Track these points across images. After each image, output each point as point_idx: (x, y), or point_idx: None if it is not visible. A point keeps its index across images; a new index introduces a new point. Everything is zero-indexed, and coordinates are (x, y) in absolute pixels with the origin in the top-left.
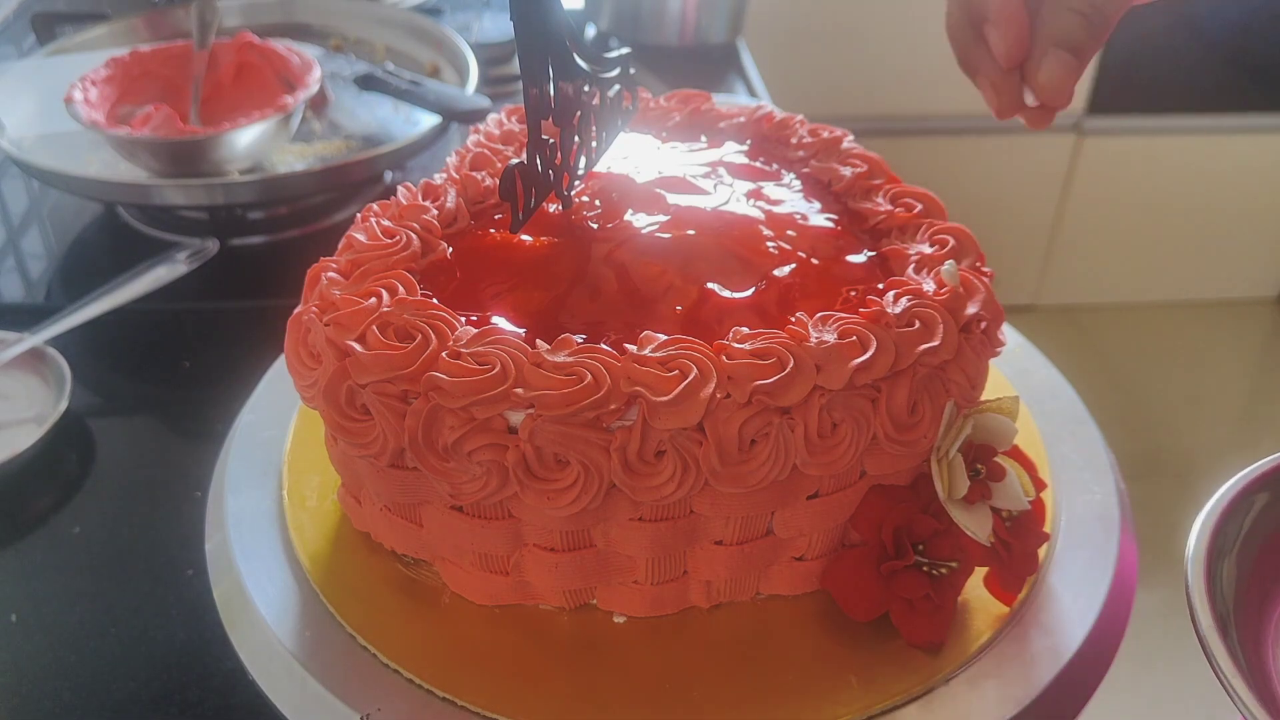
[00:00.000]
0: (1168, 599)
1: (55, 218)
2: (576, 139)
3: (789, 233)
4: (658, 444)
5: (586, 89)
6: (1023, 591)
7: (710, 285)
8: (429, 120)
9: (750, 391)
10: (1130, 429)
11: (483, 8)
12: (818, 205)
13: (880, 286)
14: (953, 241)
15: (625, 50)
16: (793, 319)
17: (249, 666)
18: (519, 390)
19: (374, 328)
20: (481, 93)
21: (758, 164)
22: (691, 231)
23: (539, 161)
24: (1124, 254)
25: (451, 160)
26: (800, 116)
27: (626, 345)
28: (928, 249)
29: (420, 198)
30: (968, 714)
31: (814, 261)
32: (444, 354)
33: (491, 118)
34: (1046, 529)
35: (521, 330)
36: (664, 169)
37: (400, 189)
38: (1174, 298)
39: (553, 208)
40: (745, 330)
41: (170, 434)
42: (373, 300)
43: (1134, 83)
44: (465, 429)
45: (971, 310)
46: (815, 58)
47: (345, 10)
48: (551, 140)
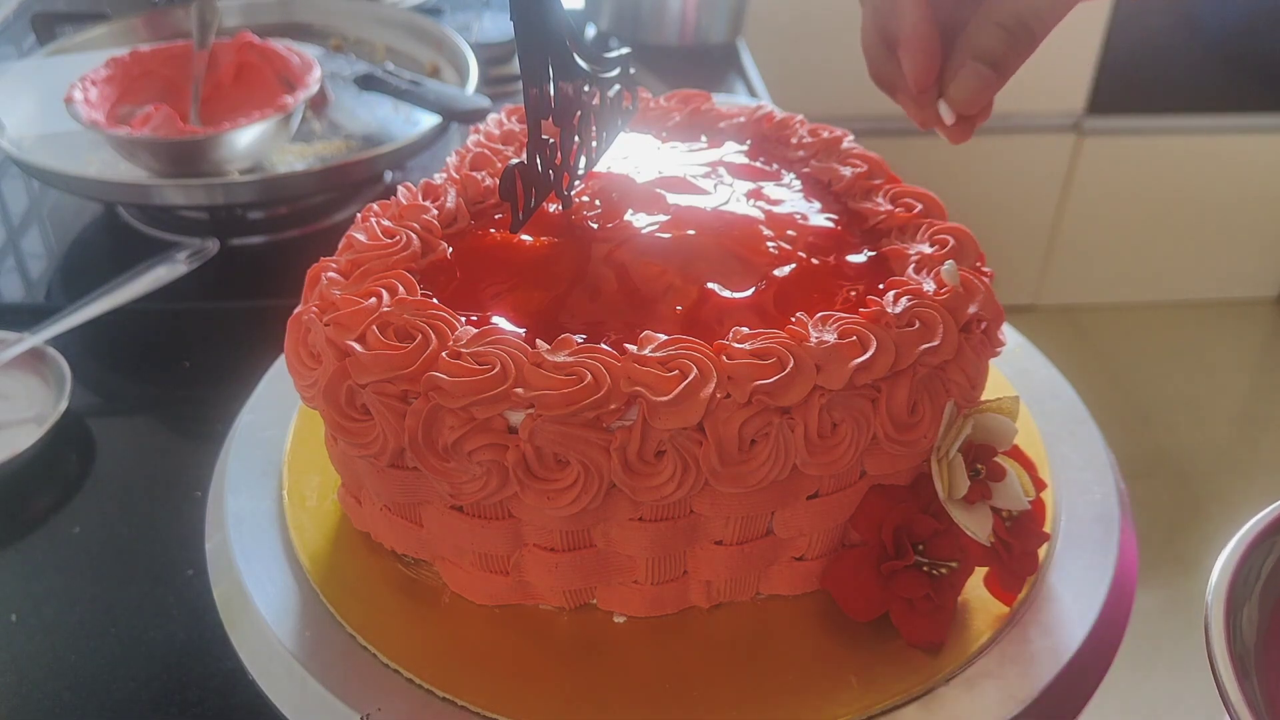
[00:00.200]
0: (1168, 599)
1: (55, 218)
2: (576, 139)
3: (789, 233)
4: (658, 444)
5: (586, 89)
6: (1023, 591)
7: (710, 285)
8: (429, 120)
9: (750, 391)
10: (1130, 429)
11: (483, 8)
12: (818, 205)
13: (880, 286)
14: (953, 241)
15: (625, 50)
16: (793, 319)
17: (249, 666)
18: (519, 390)
19: (374, 328)
20: (481, 93)
21: (758, 164)
22: (691, 231)
23: (539, 161)
24: (1124, 254)
25: (451, 160)
26: (800, 116)
27: (626, 345)
28: (928, 249)
29: (420, 198)
30: (968, 714)
31: (814, 261)
32: (444, 354)
33: (491, 118)
34: (1046, 529)
35: (521, 330)
36: (664, 169)
37: (400, 189)
38: (1174, 298)
39: (553, 208)
40: (745, 330)
41: (170, 434)
42: (373, 300)
43: (1134, 83)
44: (465, 429)
45: (971, 310)
46: (815, 58)
47: (345, 10)
48: (551, 140)
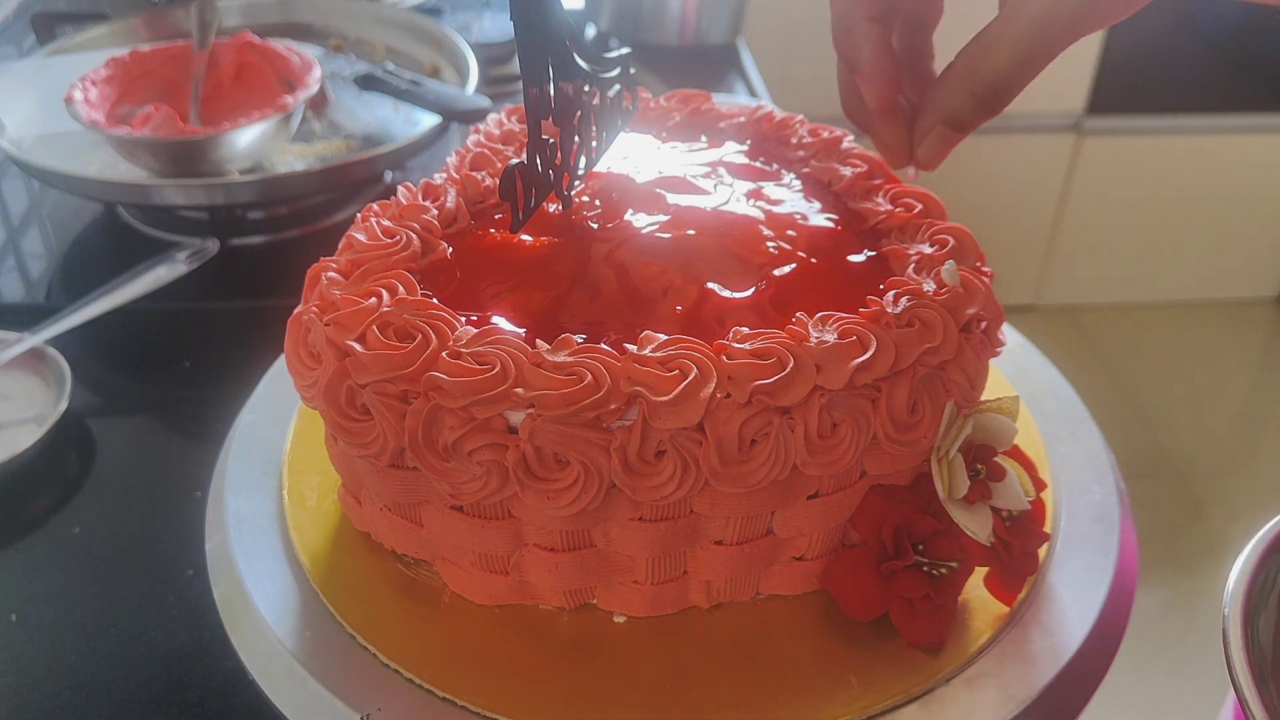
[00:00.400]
0: (1168, 599)
1: (55, 218)
2: (576, 139)
3: (789, 233)
4: (658, 444)
5: (586, 89)
6: (1023, 591)
7: (710, 285)
8: (429, 120)
9: (750, 391)
10: (1130, 429)
11: (483, 8)
12: (818, 205)
13: (880, 286)
14: (953, 241)
15: (625, 50)
16: (793, 319)
17: (249, 666)
18: (519, 390)
19: (374, 328)
20: (481, 93)
21: (758, 164)
22: (691, 231)
23: (539, 161)
24: (1124, 254)
25: (451, 160)
26: (800, 116)
27: (626, 345)
28: (928, 249)
29: (420, 198)
30: (968, 714)
31: (814, 261)
32: (444, 354)
33: (491, 118)
34: (1046, 529)
35: (521, 330)
36: (664, 169)
37: (400, 189)
38: (1174, 298)
39: (553, 208)
40: (745, 330)
41: (170, 434)
42: (373, 300)
43: (1134, 83)
44: (465, 429)
45: (971, 310)
46: (815, 58)
47: (345, 10)
48: (551, 140)
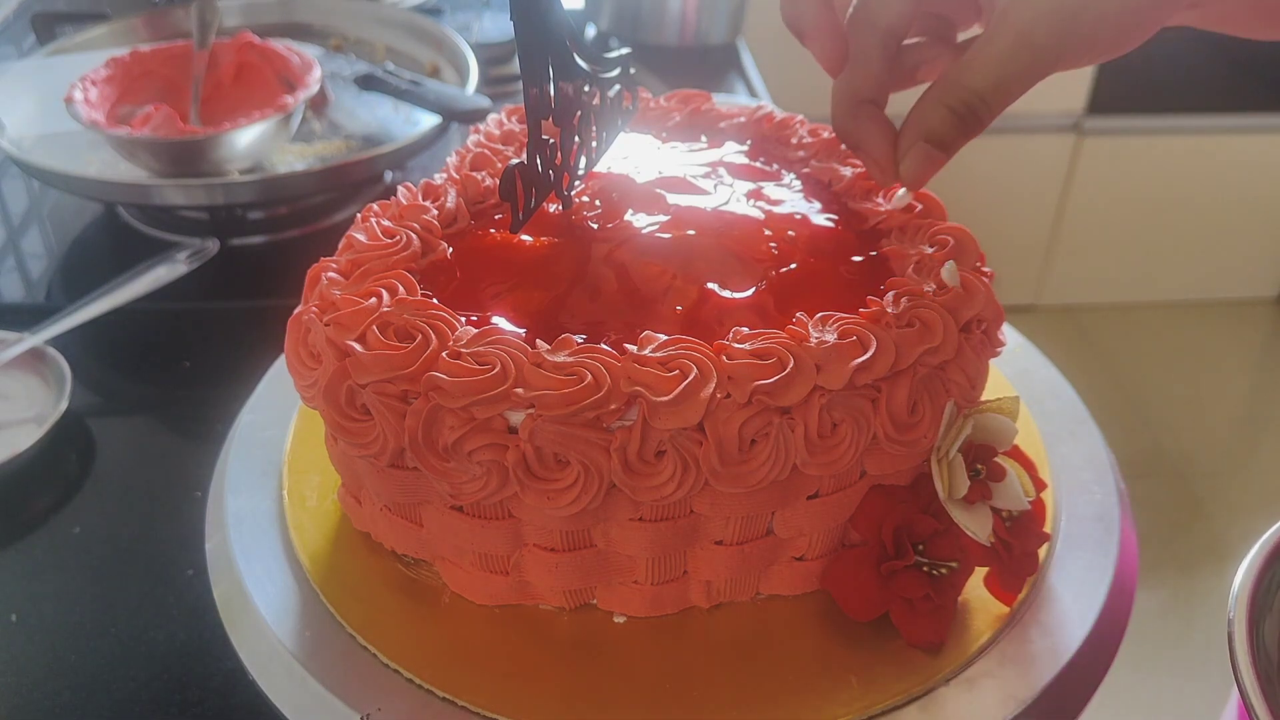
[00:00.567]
0: (1168, 599)
1: (55, 218)
2: (576, 139)
3: (789, 233)
4: (658, 444)
5: (586, 89)
6: (1023, 591)
7: (710, 285)
8: (429, 120)
9: (750, 391)
10: (1130, 429)
11: (483, 8)
12: (818, 205)
13: (880, 286)
14: (953, 242)
15: (625, 50)
16: (793, 319)
17: (249, 666)
18: (519, 390)
19: (374, 328)
20: (481, 93)
21: (758, 164)
22: (691, 231)
23: (539, 161)
24: (1124, 254)
25: (451, 160)
26: (800, 116)
27: (626, 345)
28: (928, 249)
29: (420, 198)
30: (968, 714)
31: (814, 262)
32: (444, 354)
33: (491, 118)
34: (1046, 529)
35: (521, 330)
36: (664, 169)
37: (400, 189)
38: (1174, 298)
39: (553, 208)
40: (745, 330)
41: (170, 434)
42: (373, 300)
43: (1134, 83)
44: (465, 429)
45: (971, 310)
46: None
47: (345, 10)
48: (551, 140)
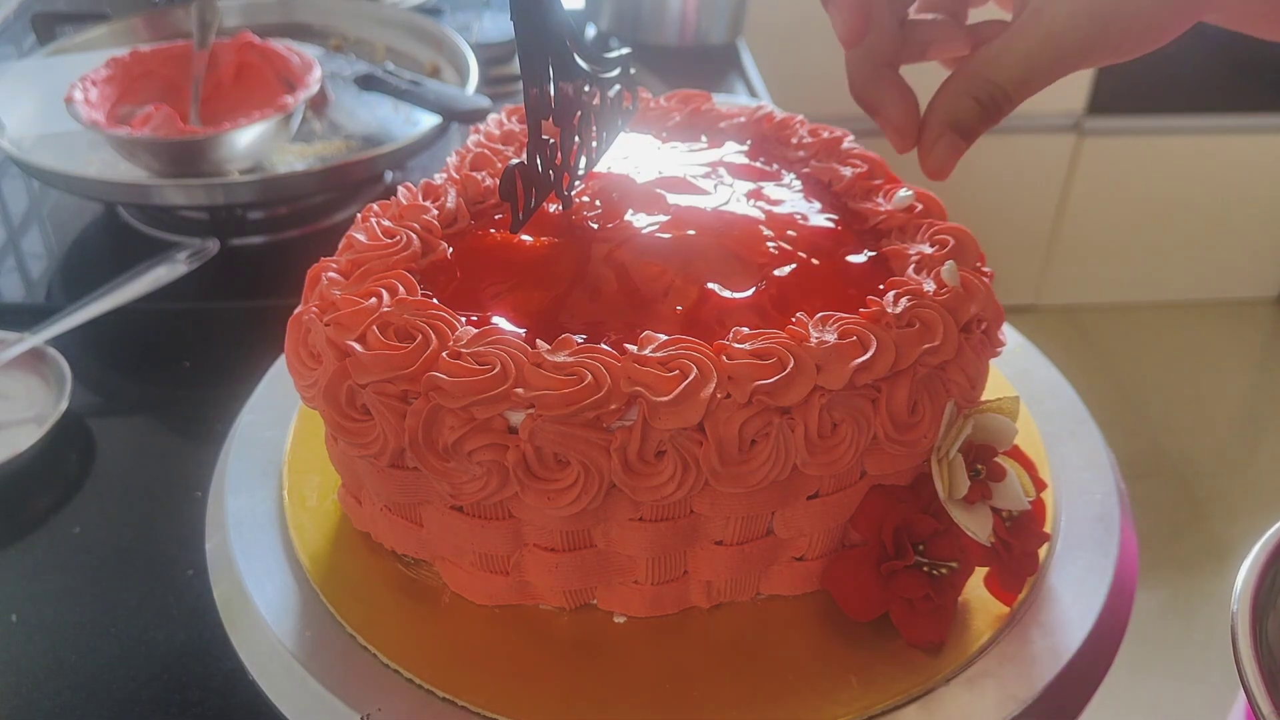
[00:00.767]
0: (1168, 600)
1: (55, 218)
2: (576, 139)
3: (789, 233)
4: (658, 444)
5: (586, 89)
6: (1023, 591)
7: (710, 285)
8: (429, 120)
9: (750, 391)
10: (1130, 429)
11: (483, 8)
12: (818, 205)
13: (880, 286)
14: (953, 241)
15: (625, 50)
16: (793, 319)
17: (249, 666)
18: (519, 390)
19: (374, 328)
20: (481, 93)
21: (758, 164)
22: (692, 231)
23: (539, 161)
24: (1124, 254)
25: (451, 160)
26: (800, 116)
27: (626, 345)
28: (928, 249)
29: (420, 198)
30: (968, 714)
31: (814, 261)
32: (444, 354)
33: (491, 118)
34: (1046, 529)
35: (521, 330)
36: (664, 169)
37: (400, 189)
38: (1174, 298)
39: (553, 208)
40: (745, 330)
41: (170, 434)
42: (373, 300)
43: (1134, 83)
44: (465, 429)
45: (971, 310)
46: (815, 58)
47: (345, 10)
48: (551, 140)
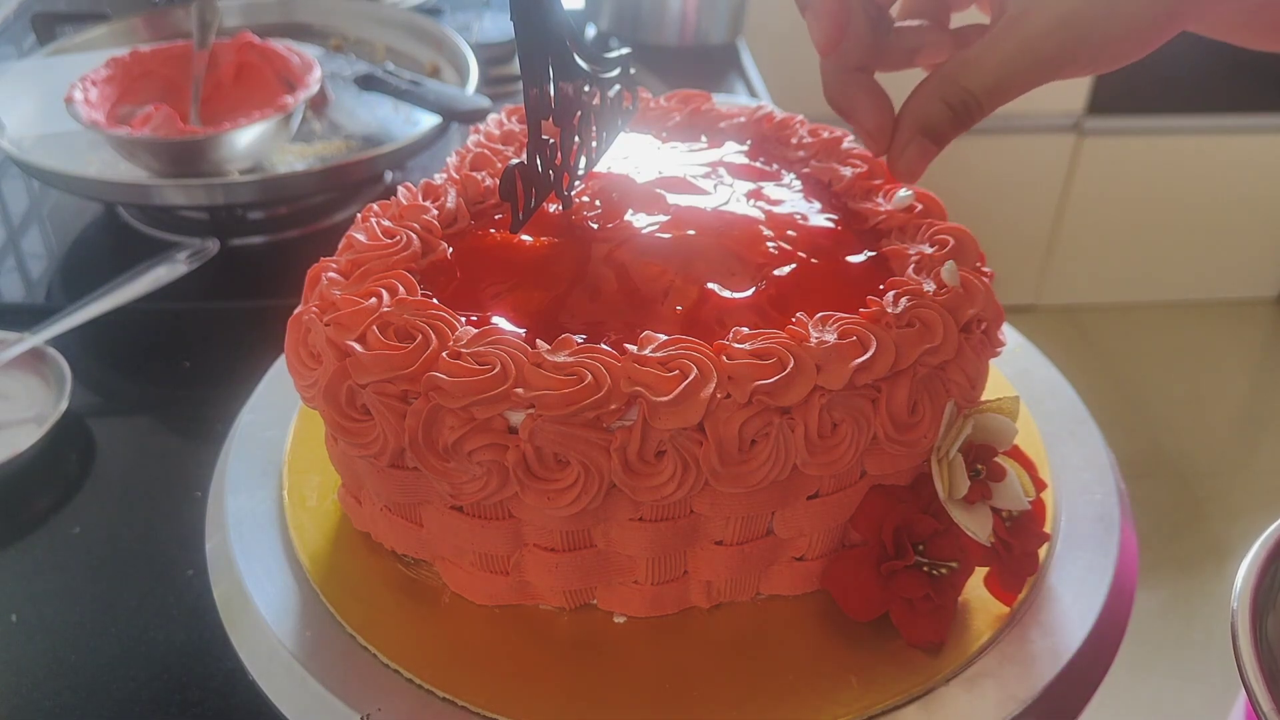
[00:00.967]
0: (1168, 600)
1: (55, 218)
2: (576, 139)
3: (789, 233)
4: (658, 444)
5: (586, 89)
6: (1023, 591)
7: (710, 285)
8: (429, 120)
9: (750, 391)
10: (1130, 429)
11: (483, 8)
12: (818, 205)
13: (880, 286)
14: (953, 241)
15: (625, 50)
16: (793, 319)
17: (249, 666)
18: (519, 390)
19: (374, 328)
20: (481, 93)
21: (758, 164)
22: (692, 231)
23: (539, 161)
24: (1124, 254)
25: (451, 160)
26: (800, 116)
27: (626, 345)
28: (928, 249)
29: (420, 198)
30: (968, 714)
31: (814, 261)
32: (444, 354)
33: (491, 118)
34: (1046, 529)
35: (521, 330)
36: (664, 169)
37: (400, 189)
38: (1174, 298)
39: (553, 208)
40: (745, 330)
41: (170, 434)
42: (373, 300)
43: (1134, 83)
44: (465, 429)
45: (971, 310)
46: (815, 58)
47: (345, 10)
48: (551, 140)
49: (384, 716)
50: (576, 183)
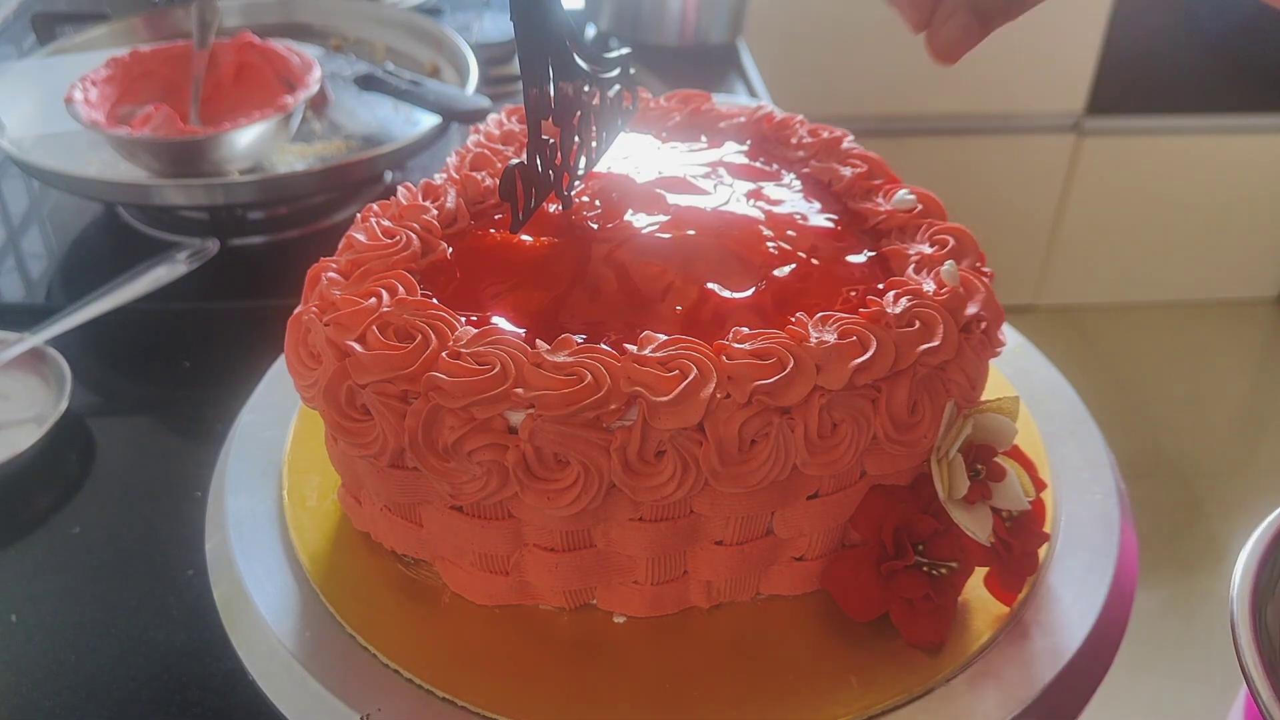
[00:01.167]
0: (1168, 599)
1: (55, 218)
2: (576, 139)
3: (789, 233)
4: (658, 444)
5: (586, 89)
6: (1023, 591)
7: (710, 285)
8: (429, 120)
9: (750, 391)
10: (1130, 429)
11: (483, 8)
12: (818, 205)
13: (880, 286)
14: (953, 241)
15: (625, 50)
16: (793, 319)
17: (249, 666)
18: (519, 390)
19: (374, 328)
20: (481, 93)
21: (758, 164)
22: (691, 231)
23: (539, 161)
24: (1124, 254)
25: (451, 160)
26: (800, 116)
27: (626, 345)
28: (928, 249)
29: (420, 198)
30: (968, 714)
31: (814, 261)
32: (444, 354)
33: (491, 118)
34: (1046, 529)
35: (521, 330)
36: (664, 169)
37: (400, 189)
38: (1174, 298)
39: (553, 208)
40: (745, 330)
41: (170, 434)
42: (373, 300)
43: (1134, 83)
44: (465, 429)
45: (971, 310)
46: (815, 58)
47: (345, 10)
48: (551, 140)
49: (384, 716)
50: (576, 183)
